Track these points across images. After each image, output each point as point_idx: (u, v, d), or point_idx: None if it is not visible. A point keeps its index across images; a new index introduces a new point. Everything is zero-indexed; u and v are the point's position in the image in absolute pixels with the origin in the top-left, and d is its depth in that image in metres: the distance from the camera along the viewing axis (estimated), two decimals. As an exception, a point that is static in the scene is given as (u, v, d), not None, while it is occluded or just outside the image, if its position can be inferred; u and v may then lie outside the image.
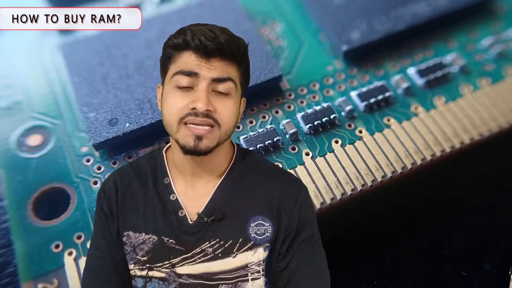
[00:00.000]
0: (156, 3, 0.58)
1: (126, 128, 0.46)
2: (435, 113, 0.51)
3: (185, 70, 0.30)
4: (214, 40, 0.29)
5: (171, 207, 0.32)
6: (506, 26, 0.59)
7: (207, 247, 0.32)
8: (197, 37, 0.29)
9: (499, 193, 0.53)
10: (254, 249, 0.32)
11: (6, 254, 0.46)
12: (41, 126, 0.49)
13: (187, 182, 0.33)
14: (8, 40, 0.55)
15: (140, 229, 0.32)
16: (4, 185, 0.45)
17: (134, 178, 0.34)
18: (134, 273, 0.33)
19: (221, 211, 0.32)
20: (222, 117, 0.30)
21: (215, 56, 0.30)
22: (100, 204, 0.34)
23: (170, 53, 0.31)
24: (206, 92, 0.29)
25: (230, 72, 0.30)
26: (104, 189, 0.34)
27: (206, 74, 0.30)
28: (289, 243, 0.33)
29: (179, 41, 0.30)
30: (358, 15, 0.55)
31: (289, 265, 0.33)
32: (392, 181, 0.47)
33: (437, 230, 0.51)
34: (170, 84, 0.30)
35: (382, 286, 0.47)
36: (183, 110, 0.30)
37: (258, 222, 0.32)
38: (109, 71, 0.49)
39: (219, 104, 0.30)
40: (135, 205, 0.33)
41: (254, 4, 0.59)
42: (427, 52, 0.56)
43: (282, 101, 0.51)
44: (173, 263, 0.32)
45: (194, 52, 0.30)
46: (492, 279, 0.47)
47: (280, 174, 0.35)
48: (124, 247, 0.33)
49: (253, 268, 0.32)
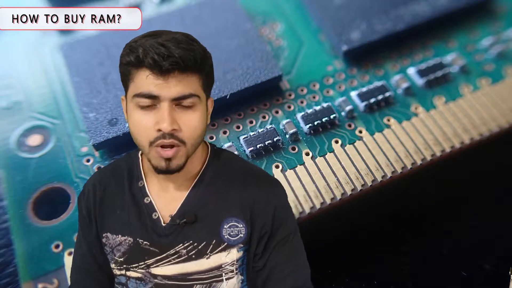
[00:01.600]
0: (156, 3, 0.58)
1: (126, 128, 0.46)
2: (435, 113, 0.51)
3: (144, 93, 0.29)
4: (168, 59, 0.28)
5: (145, 210, 0.33)
6: (506, 26, 0.59)
7: (181, 248, 0.32)
8: (149, 56, 0.28)
9: (499, 193, 0.53)
10: (228, 250, 0.32)
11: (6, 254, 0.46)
12: (41, 126, 0.49)
13: (161, 185, 0.33)
14: (8, 40, 0.55)
15: (117, 231, 0.33)
16: (4, 185, 0.45)
17: (111, 180, 0.34)
18: (115, 272, 0.34)
19: (193, 214, 0.32)
20: (187, 135, 0.30)
21: (173, 72, 0.28)
22: (80, 206, 0.35)
23: (127, 71, 0.30)
24: (168, 111, 0.29)
25: (191, 85, 0.29)
26: (84, 191, 0.35)
27: (165, 94, 0.29)
28: (265, 244, 0.33)
29: (131, 59, 0.29)
30: (358, 15, 0.55)
31: (266, 264, 0.33)
32: (392, 181, 0.47)
33: (437, 230, 0.51)
34: (133, 103, 0.30)
35: (382, 286, 0.47)
36: (151, 133, 0.29)
37: (231, 223, 0.32)
38: (109, 71, 0.49)
39: (183, 120, 0.30)
40: (112, 207, 0.33)
41: (254, 4, 0.59)
42: (427, 52, 0.56)
43: (282, 101, 0.51)
44: (148, 264, 0.32)
45: (149, 71, 0.28)
46: (492, 279, 0.47)
47: (255, 175, 0.35)
48: (104, 248, 0.34)
49: (227, 268, 0.33)
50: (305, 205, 0.45)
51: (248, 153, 0.47)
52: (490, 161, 0.54)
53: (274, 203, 0.33)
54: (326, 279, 0.47)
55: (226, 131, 0.49)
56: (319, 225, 0.46)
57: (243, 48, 0.51)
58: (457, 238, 0.50)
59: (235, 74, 0.49)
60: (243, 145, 0.47)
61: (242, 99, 0.50)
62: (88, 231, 0.34)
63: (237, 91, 0.48)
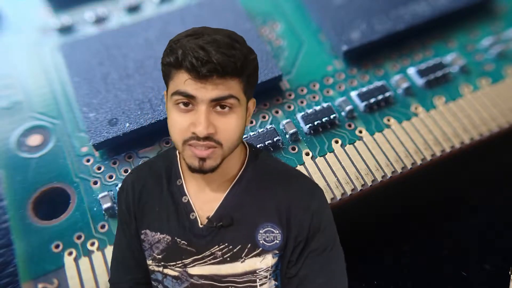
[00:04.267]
0: (156, 3, 0.58)
1: (126, 128, 0.46)
2: (435, 113, 0.51)
3: (182, 91, 0.29)
4: (206, 64, 0.27)
5: (183, 209, 0.33)
6: (506, 26, 0.59)
7: (217, 250, 0.32)
8: (188, 59, 0.28)
9: (499, 193, 0.53)
10: (263, 255, 0.32)
11: (6, 254, 0.47)
12: (41, 126, 0.49)
13: (199, 185, 0.33)
14: (8, 40, 0.55)
15: (156, 228, 0.33)
16: (4, 185, 0.45)
17: (149, 177, 0.34)
18: (153, 268, 0.34)
19: (230, 217, 0.32)
20: (223, 137, 0.29)
21: (211, 78, 0.28)
22: (120, 202, 0.35)
23: (167, 70, 0.30)
24: (204, 115, 0.28)
25: (230, 88, 0.29)
26: (123, 188, 0.35)
27: (203, 96, 0.28)
28: (300, 252, 0.32)
29: (171, 60, 0.29)
30: (358, 15, 0.55)
31: (299, 273, 0.32)
32: (392, 181, 0.47)
33: (437, 230, 0.51)
34: (171, 102, 0.30)
35: (382, 286, 0.47)
36: (185, 133, 0.29)
37: (267, 229, 0.32)
38: (109, 71, 0.49)
39: (221, 122, 0.29)
40: (151, 204, 0.34)
41: (254, 4, 0.59)
42: (427, 52, 0.56)
43: (282, 101, 0.51)
44: (185, 263, 0.33)
45: (187, 74, 0.28)
46: (492, 279, 0.47)
47: (293, 179, 0.34)
48: (143, 244, 0.34)
49: (261, 274, 0.32)
50: (305, 205, 0.45)
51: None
52: (490, 161, 0.54)
53: (312, 209, 0.32)
54: (326, 279, 0.47)
55: (226, 131, 0.49)
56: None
57: (243, 48, 0.51)
58: (457, 238, 0.50)
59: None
60: (243, 145, 0.47)
61: (242, 99, 0.50)
62: (127, 226, 0.34)
63: (237, 91, 0.48)
